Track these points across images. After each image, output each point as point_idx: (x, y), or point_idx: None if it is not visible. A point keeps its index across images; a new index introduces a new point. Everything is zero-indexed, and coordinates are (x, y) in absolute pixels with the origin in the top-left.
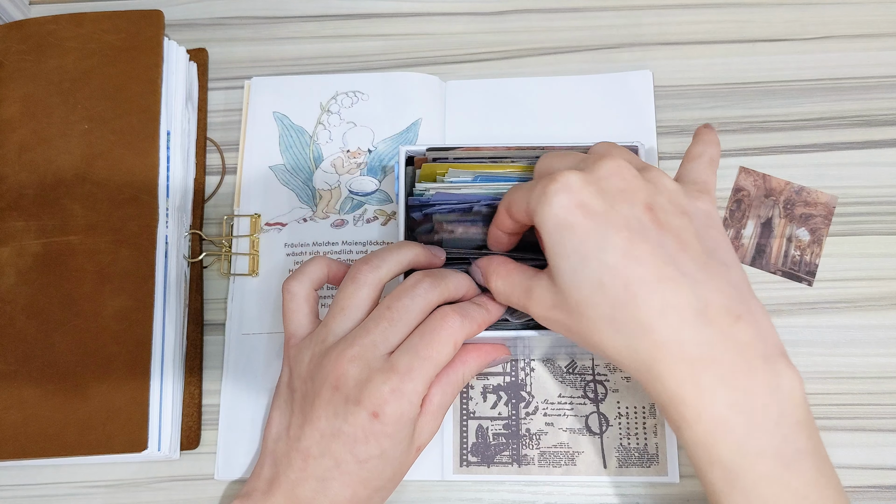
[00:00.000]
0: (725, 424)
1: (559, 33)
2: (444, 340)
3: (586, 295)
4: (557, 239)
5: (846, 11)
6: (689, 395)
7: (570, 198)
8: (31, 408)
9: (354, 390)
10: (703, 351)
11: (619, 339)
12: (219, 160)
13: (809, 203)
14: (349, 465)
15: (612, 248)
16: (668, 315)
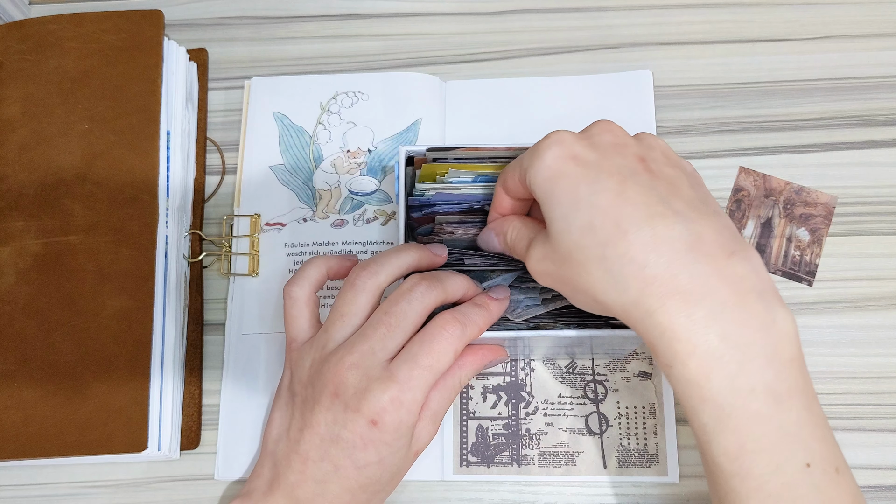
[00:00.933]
0: (719, 359)
1: (559, 33)
2: (443, 350)
3: (576, 238)
4: (549, 188)
5: (846, 11)
6: (681, 329)
7: (562, 149)
8: (32, 408)
9: (353, 399)
10: (697, 284)
11: (609, 279)
12: (219, 160)
13: (809, 203)
14: (348, 471)
15: (604, 190)
16: (661, 248)
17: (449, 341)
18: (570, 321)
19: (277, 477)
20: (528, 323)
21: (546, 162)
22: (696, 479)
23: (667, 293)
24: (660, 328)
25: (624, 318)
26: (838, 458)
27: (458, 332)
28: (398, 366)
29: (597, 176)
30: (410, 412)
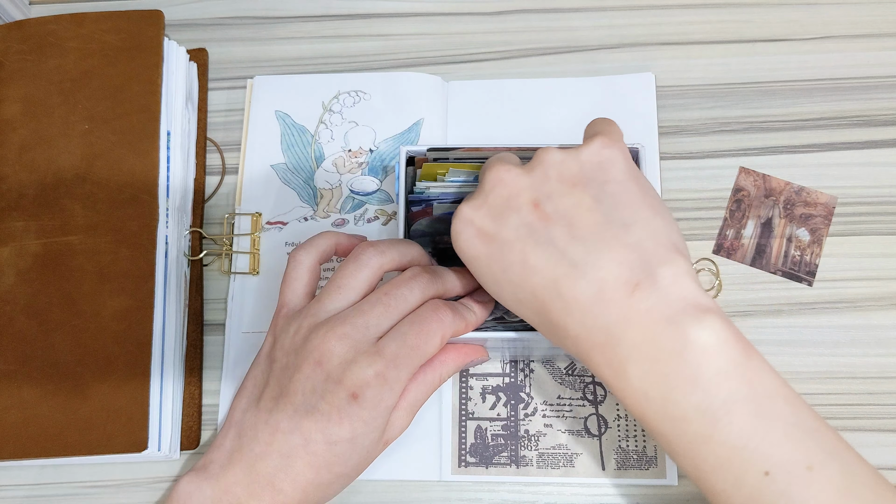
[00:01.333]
0: (644, 396)
1: (559, 33)
2: (433, 332)
3: (515, 309)
4: (474, 269)
5: (846, 11)
6: (609, 378)
7: (469, 231)
8: (32, 408)
9: (337, 369)
10: (607, 334)
11: (554, 338)
12: (219, 160)
13: (809, 203)
14: (317, 446)
15: (511, 266)
16: (572, 310)
17: (439, 325)
18: None
19: (241, 448)
20: (524, 322)
21: (461, 246)
22: None
23: (590, 349)
24: (600, 376)
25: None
26: (812, 454)
27: (449, 319)
28: (386, 342)
29: (501, 253)
30: (392, 391)
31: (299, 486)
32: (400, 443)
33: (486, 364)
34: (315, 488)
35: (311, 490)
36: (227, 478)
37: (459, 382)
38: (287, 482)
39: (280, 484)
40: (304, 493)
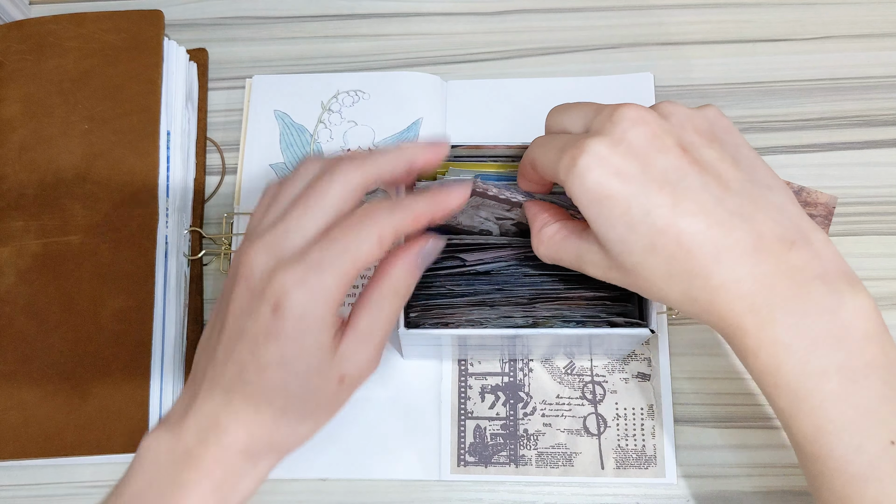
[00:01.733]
0: (786, 349)
1: (559, 33)
2: (363, 228)
3: (639, 259)
4: (599, 211)
5: (846, 11)
6: (749, 326)
7: (603, 169)
8: (31, 408)
9: (260, 282)
10: (760, 283)
11: (677, 289)
12: (219, 160)
13: (809, 203)
14: (250, 373)
15: (658, 207)
16: (723, 258)
17: (372, 221)
18: (569, 318)
19: (195, 396)
20: (487, 263)
21: (588, 185)
22: (694, 479)
23: (733, 298)
24: (730, 327)
25: (696, 318)
26: None
27: (385, 214)
28: (310, 248)
29: (647, 193)
30: (316, 300)
31: (241, 422)
32: (399, 442)
33: (486, 363)
34: (259, 426)
35: (256, 429)
36: (181, 424)
37: (458, 382)
38: (230, 419)
39: (223, 422)
40: (248, 432)
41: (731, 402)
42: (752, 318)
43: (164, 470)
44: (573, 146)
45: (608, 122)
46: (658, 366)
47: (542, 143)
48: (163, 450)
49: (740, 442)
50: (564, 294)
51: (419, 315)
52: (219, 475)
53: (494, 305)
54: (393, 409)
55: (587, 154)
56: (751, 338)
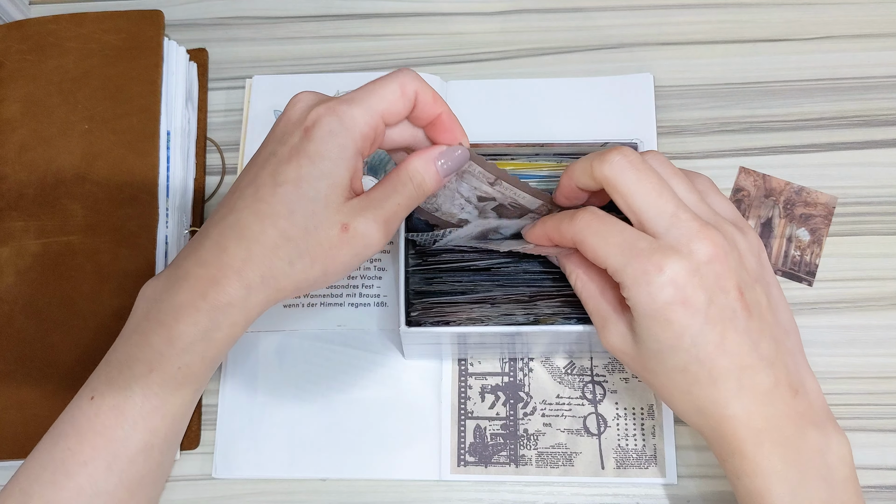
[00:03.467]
0: (781, 477)
1: (559, 33)
2: (389, 78)
3: (666, 372)
4: (650, 325)
5: (846, 11)
6: (749, 452)
7: (676, 295)
8: (31, 408)
9: (299, 112)
10: (767, 422)
11: (690, 405)
12: (219, 160)
13: (809, 203)
14: (265, 190)
15: (706, 343)
16: (743, 396)
17: (397, 75)
18: (570, 316)
19: (208, 225)
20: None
21: (656, 304)
22: (694, 479)
23: (742, 426)
24: (729, 448)
25: (696, 429)
26: None
27: (409, 75)
28: (345, 95)
29: (701, 328)
30: (344, 125)
31: (244, 240)
32: (399, 442)
33: (486, 363)
34: (259, 247)
35: (256, 248)
36: (185, 254)
37: (458, 382)
38: (232, 238)
39: (225, 241)
40: (247, 251)
41: None
42: (752, 447)
43: (163, 296)
44: (648, 258)
45: (690, 243)
46: None
47: (601, 227)
48: (162, 281)
49: None
50: (566, 291)
51: (420, 314)
52: (213, 296)
53: (495, 303)
54: (393, 409)
55: (665, 275)
56: (748, 462)
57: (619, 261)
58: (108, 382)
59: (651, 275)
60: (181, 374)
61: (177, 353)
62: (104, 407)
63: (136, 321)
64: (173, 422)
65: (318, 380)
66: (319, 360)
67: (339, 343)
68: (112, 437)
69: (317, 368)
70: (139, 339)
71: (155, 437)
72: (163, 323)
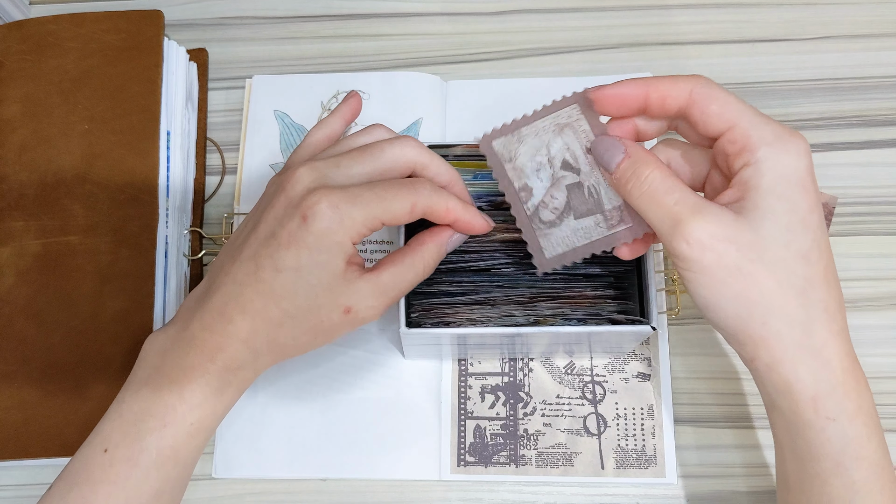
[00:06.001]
0: (876, 423)
1: (559, 33)
2: (403, 191)
3: (786, 260)
4: (791, 193)
5: (846, 11)
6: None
7: (809, 164)
8: (32, 408)
9: (299, 196)
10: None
11: (800, 308)
12: (219, 160)
13: None
14: (266, 272)
15: (822, 231)
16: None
17: (409, 190)
18: (570, 317)
19: (207, 287)
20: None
21: (800, 161)
22: (693, 479)
23: (835, 374)
24: (830, 385)
25: (764, 364)
26: None
27: (426, 191)
28: (352, 185)
29: (820, 213)
30: (342, 224)
31: (248, 314)
32: (399, 442)
33: (486, 363)
34: (264, 322)
35: (260, 323)
36: (189, 315)
37: (459, 382)
38: (236, 311)
39: (230, 312)
40: (252, 324)
41: (731, 402)
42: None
43: (171, 355)
44: (780, 126)
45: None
46: (658, 366)
47: (720, 90)
48: (169, 339)
49: (740, 442)
50: (565, 293)
51: (420, 315)
52: (221, 360)
53: (495, 304)
54: (393, 409)
55: (802, 142)
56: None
57: (754, 119)
58: (122, 435)
59: (790, 137)
60: (194, 428)
61: (189, 409)
62: (118, 458)
63: (146, 375)
64: (185, 467)
65: (319, 380)
66: (319, 360)
67: (340, 343)
68: (125, 486)
69: (317, 369)
70: (150, 394)
71: (167, 483)
72: (174, 381)
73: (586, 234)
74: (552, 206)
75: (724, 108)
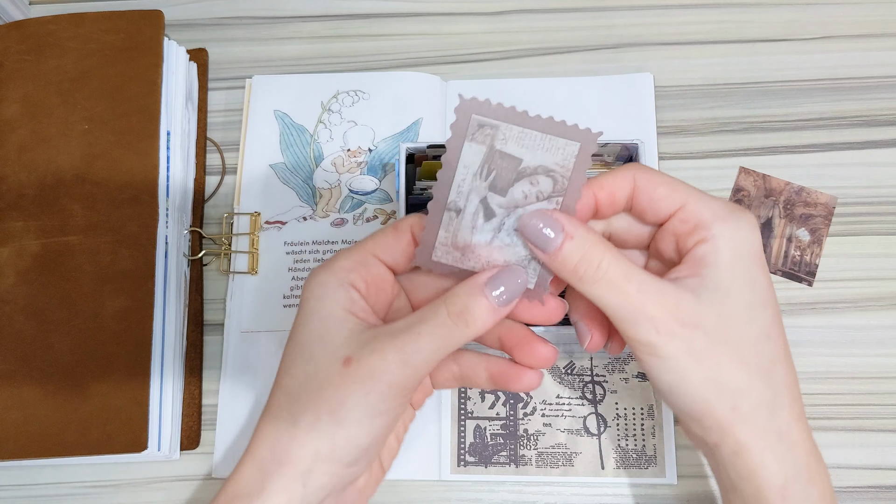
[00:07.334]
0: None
1: (559, 33)
2: (388, 231)
3: (751, 339)
4: (749, 268)
5: (846, 11)
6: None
7: (759, 242)
8: (31, 407)
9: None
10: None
11: (762, 382)
12: (219, 160)
13: (809, 203)
14: (281, 376)
15: (776, 310)
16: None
17: (397, 224)
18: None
19: None
20: None
21: (754, 238)
22: (693, 479)
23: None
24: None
25: (714, 446)
26: None
27: (414, 217)
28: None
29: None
30: (332, 271)
31: (264, 436)
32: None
33: None
34: (276, 436)
35: (275, 440)
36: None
37: None
38: (258, 436)
39: (256, 437)
40: (269, 445)
41: None
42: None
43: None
44: (728, 203)
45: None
46: None
47: (663, 176)
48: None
49: None
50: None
51: None
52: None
53: None
54: None
55: (753, 219)
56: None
57: (703, 197)
58: None
59: (741, 212)
60: None
61: None
62: None
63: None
64: None
65: None
66: None
67: None
68: None
69: None
70: None
71: None
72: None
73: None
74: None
75: (671, 190)
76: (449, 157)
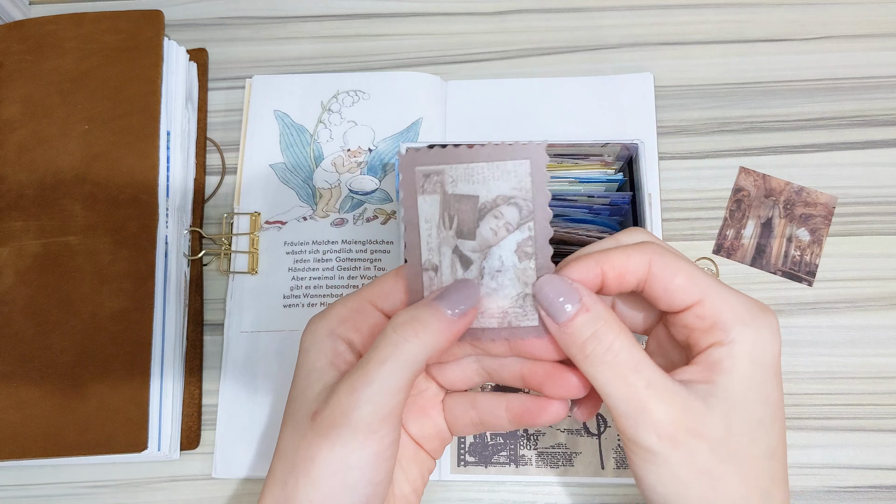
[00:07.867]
0: None
1: (559, 33)
2: (387, 278)
3: (755, 457)
4: (764, 381)
5: (846, 11)
6: None
7: (778, 351)
8: (31, 408)
9: None
10: None
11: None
12: (219, 160)
13: (809, 203)
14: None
15: (782, 428)
16: None
17: (394, 271)
18: None
19: None
20: None
21: (774, 347)
22: None
23: None
24: None
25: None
26: None
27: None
28: None
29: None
30: (324, 319)
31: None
32: None
33: None
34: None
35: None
36: None
37: None
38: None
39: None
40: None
41: None
42: None
43: None
44: (752, 303)
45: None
46: None
47: (681, 261)
48: None
49: None
50: None
51: None
52: None
53: None
54: None
55: (775, 324)
56: None
57: (723, 293)
58: None
59: (763, 314)
60: None
61: None
62: None
63: None
64: None
65: None
66: None
67: None
68: None
69: None
70: None
71: None
72: None
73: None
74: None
75: (690, 282)
76: (408, 216)
